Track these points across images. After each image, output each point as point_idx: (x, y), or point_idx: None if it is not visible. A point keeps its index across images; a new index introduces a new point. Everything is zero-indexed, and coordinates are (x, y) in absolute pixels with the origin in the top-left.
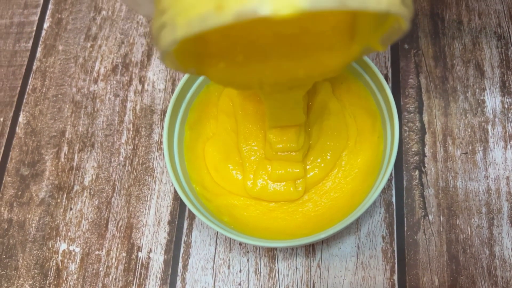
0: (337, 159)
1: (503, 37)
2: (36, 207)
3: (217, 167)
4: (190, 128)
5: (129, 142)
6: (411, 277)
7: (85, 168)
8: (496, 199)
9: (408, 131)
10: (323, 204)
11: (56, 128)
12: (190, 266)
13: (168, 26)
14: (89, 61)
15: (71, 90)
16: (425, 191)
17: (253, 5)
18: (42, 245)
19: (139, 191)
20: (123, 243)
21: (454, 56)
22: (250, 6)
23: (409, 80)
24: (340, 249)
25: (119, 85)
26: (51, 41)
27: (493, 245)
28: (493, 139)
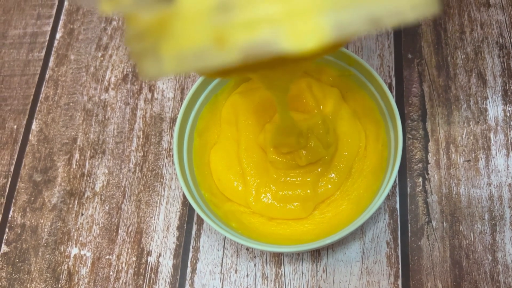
0: (350, 169)
1: (505, 47)
2: (49, 212)
3: (220, 177)
4: (199, 135)
5: (139, 149)
6: (415, 282)
7: (96, 175)
8: (499, 205)
9: (412, 138)
10: (329, 211)
11: (68, 136)
12: (199, 271)
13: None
14: (100, 70)
15: (82, 99)
16: (429, 198)
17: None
18: (54, 249)
19: (148, 197)
20: (133, 248)
21: (457, 65)
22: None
23: (413, 89)
24: (345, 255)
25: (130, 93)
26: (63, 50)
27: (495, 251)
28: (495, 146)
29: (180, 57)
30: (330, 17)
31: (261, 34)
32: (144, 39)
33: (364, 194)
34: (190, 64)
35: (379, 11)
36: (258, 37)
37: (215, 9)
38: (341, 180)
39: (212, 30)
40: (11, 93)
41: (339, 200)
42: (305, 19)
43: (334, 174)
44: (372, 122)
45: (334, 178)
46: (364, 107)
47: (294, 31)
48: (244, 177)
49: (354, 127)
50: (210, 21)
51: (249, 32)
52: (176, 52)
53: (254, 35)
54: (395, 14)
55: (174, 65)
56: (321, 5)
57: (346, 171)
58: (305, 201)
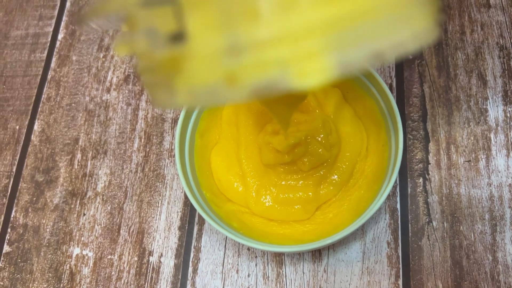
0: (352, 170)
1: (505, 48)
2: (51, 212)
3: (220, 178)
4: (201, 135)
5: (141, 150)
6: (416, 282)
7: (98, 175)
8: (499, 206)
9: (412, 139)
10: (330, 211)
11: (70, 136)
12: (200, 271)
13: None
14: (102, 71)
15: (84, 99)
16: (429, 198)
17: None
18: (56, 249)
19: (150, 197)
20: (135, 247)
21: (457, 66)
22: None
23: (413, 89)
24: (346, 255)
25: (131, 94)
26: (65, 51)
27: (496, 251)
28: (496, 147)
29: (193, 92)
30: (335, 56)
31: (269, 74)
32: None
33: (365, 194)
34: (203, 99)
35: (381, 46)
36: (267, 76)
37: (226, 50)
38: (343, 181)
39: (223, 69)
40: (13, 94)
41: (340, 201)
42: (311, 60)
43: (336, 175)
44: (373, 122)
45: (336, 180)
46: (365, 108)
47: (301, 71)
48: (244, 178)
49: (356, 127)
50: (222, 61)
51: (258, 72)
52: (189, 88)
53: (263, 75)
54: (397, 46)
55: (187, 99)
56: (326, 46)
57: (348, 172)
58: (306, 203)
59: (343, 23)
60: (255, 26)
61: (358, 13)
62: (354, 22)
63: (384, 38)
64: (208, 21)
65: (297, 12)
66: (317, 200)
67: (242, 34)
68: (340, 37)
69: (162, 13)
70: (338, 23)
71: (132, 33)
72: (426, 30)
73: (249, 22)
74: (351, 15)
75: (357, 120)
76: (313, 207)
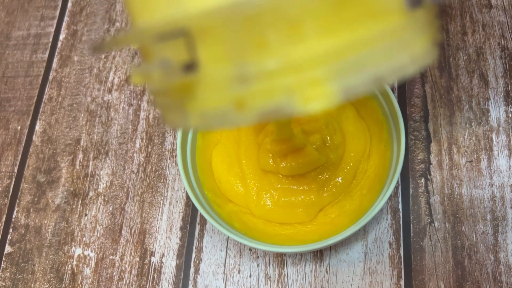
0: (355, 170)
1: (506, 48)
2: (52, 213)
3: (220, 179)
4: (203, 136)
5: (142, 150)
6: (418, 282)
7: (99, 175)
8: (501, 206)
9: (414, 139)
10: (333, 212)
11: (71, 136)
12: (202, 271)
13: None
14: (103, 71)
15: (86, 100)
16: (431, 198)
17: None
18: (58, 250)
19: (152, 198)
20: (137, 248)
21: (459, 66)
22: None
23: (415, 89)
24: (348, 255)
25: (133, 94)
26: (66, 52)
27: (498, 251)
28: (498, 147)
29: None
30: (337, 83)
31: (276, 100)
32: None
33: (367, 195)
34: (213, 122)
35: (382, 71)
36: (273, 102)
37: (236, 78)
38: (347, 183)
39: (232, 95)
40: (15, 94)
41: (342, 201)
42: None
43: (341, 177)
44: (374, 123)
45: (340, 182)
46: (366, 108)
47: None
48: (244, 180)
49: (360, 126)
50: (231, 87)
51: (265, 98)
52: (200, 112)
53: (270, 100)
54: (397, 70)
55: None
56: (329, 74)
57: (352, 173)
58: (308, 206)
59: (345, 51)
60: (263, 57)
61: (359, 42)
62: (355, 50)
63: (384, 63)
64: (218, 51)
65: (303, 43)
66: (319, 204)
67: (251, 63)
68: (342, 65)
69: (175, 44)
70: (340, 52)
71: (147, 64)
72: (424, 52)
73: (258, 52)
74: (352, 44)
75: (360, 120)
76: (315, 210)
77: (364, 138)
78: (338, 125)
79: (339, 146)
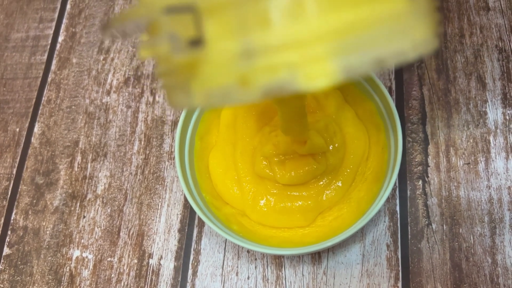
0: (355, 173)
1: (504, 50)
2: (51, 215)
3: (217, 182)
4: (200, 138)
5: (141, 152)
6: (415, 284)
7: (98, 177)
8: (498, 208)
9: (412, 141)
10: (331, 214)
11: (70, 138)
12: (200, 273)
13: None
14: (102, 73)
15: (84, 102)
16: (429, 201)
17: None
18: (56, 251)
19: (150, 200)
20: (135, 250)
21: (457, 69)
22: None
23: (413, 92)
24: (346, 257)
25: (131, 96)
26: (65, 54)
27: (495, 253)
28: (495, 149)
29: (209, 94)
30: (339, 61)
31: (279, 76)
32: (175, 75)
33: (364, 197)
34: (217, 100)
35: (383, 53)
36: (277, 78)
37: (240, 55)
38: (346, 186)
39: (237, 72)
40: (13, 96)
41: (340, 204)
42: (317, 64)
43: (341, 181)
44: (372, 125)
45: (339, 186)
46: (364, 110)
47: (308, 73)
48: (240, 184)
49: (359, 127)
50: (236, 64)
51: (269, 75)
52: (205, 90)
53: (274, 77)
54: (398, 54)
55: (203, 100)
56: (331, 51)
57: (352, 176)
58: (306, 211)
59: (347, 31)
60: (267, 33)
61: (362, 23)
62: (358, 30)
63: (386, 46)
64: (224, 28)
65: (306, 21)
66: (318, 209)
67: (255, 39)
68: (344, 44)
69: (183, 20)
70: (343, 31)
71: (155, 38)
72: (425, 40)
73: (262, 28)
74: (355, 24)
75: (359, 122)
76: (313, 215)
77: (364, 139)
78: (338, 126)
79: (340, 149)
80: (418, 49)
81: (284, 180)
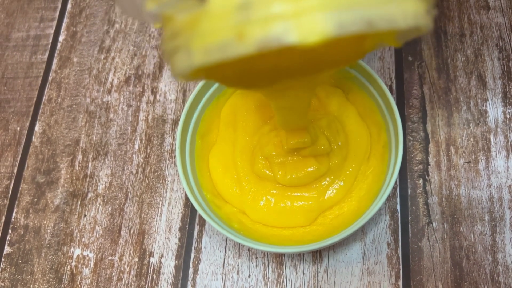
0: (357, 172)
1: (504, 49)
2: (51, 213)
3: (217, 181)
4: (201, 137)
5: (142, 151)
6: (416, 283)
7: (98, 176)
8: (499, 207)
9: (412, 140)
10: (331, 213)
11: (70, 137)
12: (200, 272)
13: (183, 51)
14: (102, 72)
15: (85, 101)
16: (429, 199)
17: (278, 32)
18: (57, 250)
19: (151, 198)
20: (136, 248)
21: (457, 67)
22: (275, 34)
23: (413, 91)
24: (346, 255)
25: (132, 95)
26: (66, 53)
27: (496, 251)
28: (495, 148)
29: (207, 50)
30: (333, 16)
31: (273, 29)
32: (178, 37)
33: (365, 195)
34: (215, 55)
35: (374, 15)
36: (271, 31)
37: (239, 7)
38: (348, 185)
39: (234, 26)
40: (14, 95)
41: (341, 203)
42: (311, 17)
43: (343, 181)
44: (373, 123)
45: (342, 185)
46: (365, 109)
47: (302, 26)
48: (240, 183)
49: (362, 125)
50: (233, 18)
51: (264, 27)
52: (204, 46)
53: (268, 30)
54: (387, 19)
55: (202, 57)
56: (326, 6)
57: (354, 175)
58: (307, 212)
59: None
60: None
61: None
62: None
63: (376, 9)
64: None
65: None
66: (319, 209)
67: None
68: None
69: None
70: None
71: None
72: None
73: None
74: None
75: (361, 120)
76: (315, 215)
77: (366, 137)
78: (340, 124)
79: (342, 148)
80: (408, 20)
81: (284, 182)
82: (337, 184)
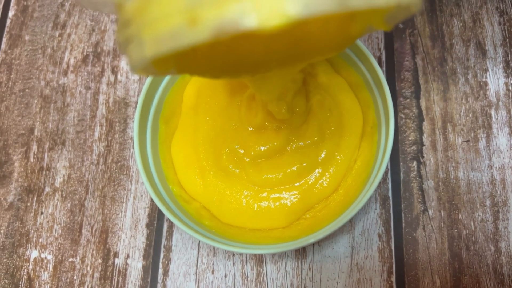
0: (348, 161)
1: (505, 13)
2: (5, 212)
3: (179, 173)
4: (165, 122)
5: (102, 139)
6: (410, 278)
7: (56, 168)
8: (501, 190)
9: (405, 118)
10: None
11: (24, 126)
12: (171, 272)
13: (135, 41)
14: (58, 51)
15: (39, 84)
16: (424, 184)
17: (234, 16)
18: (12, 253)
19: (114, 192)
20: (99, 249)
21: (453, 35)
22: (230, 18)
23: (405, 62)
24: (333, 250)
25: (91, 76)
26: (16, 30)
27: (498, 240)
28: (497, 124)
29: (158, 39)
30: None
31: (229, 12)
32: (129, 26)
33: (352, 183)
34: (167, 44)
35: None
36: (226, 14)
37: None
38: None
39: (184, 10)
40: None
41: (325, 190)
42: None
43: (333, 172)
44: (360, 101)
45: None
46: (350, 84)
47: (261, 8)
48: (204, 177)
49: (354, 98)
50: (184, 1)
51: (217, 11)
52: (155, 35)
53: (223, 13)
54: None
55: (154, 48)
56: None
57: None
58: (288, 213)
59: None
60: None
61: None
62: None
63: None
64: None
65: None
66: (302, 209)
67: None
68: None
69: None
70: None
71: None
72: None
73: None
74: None
75: (353, 93)
76: (296, 216)
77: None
78: (333, 100)
79: (334, 133)
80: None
81: (258, 184)
82: (326, 177)
